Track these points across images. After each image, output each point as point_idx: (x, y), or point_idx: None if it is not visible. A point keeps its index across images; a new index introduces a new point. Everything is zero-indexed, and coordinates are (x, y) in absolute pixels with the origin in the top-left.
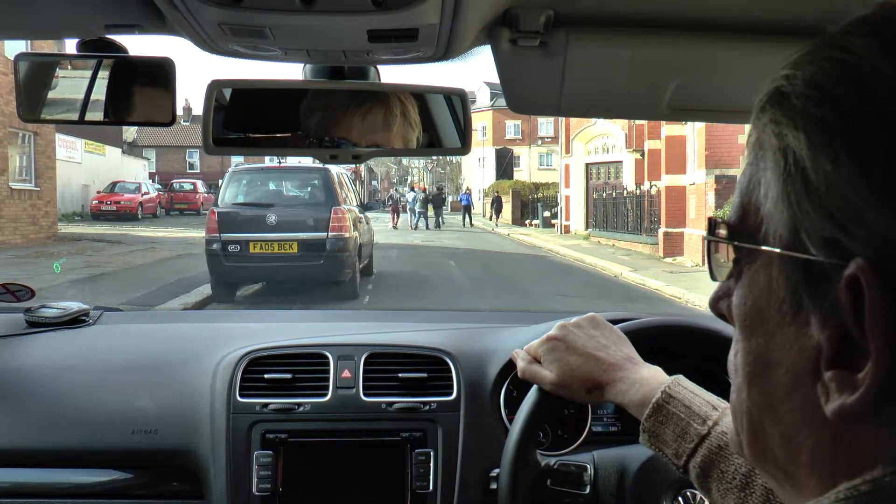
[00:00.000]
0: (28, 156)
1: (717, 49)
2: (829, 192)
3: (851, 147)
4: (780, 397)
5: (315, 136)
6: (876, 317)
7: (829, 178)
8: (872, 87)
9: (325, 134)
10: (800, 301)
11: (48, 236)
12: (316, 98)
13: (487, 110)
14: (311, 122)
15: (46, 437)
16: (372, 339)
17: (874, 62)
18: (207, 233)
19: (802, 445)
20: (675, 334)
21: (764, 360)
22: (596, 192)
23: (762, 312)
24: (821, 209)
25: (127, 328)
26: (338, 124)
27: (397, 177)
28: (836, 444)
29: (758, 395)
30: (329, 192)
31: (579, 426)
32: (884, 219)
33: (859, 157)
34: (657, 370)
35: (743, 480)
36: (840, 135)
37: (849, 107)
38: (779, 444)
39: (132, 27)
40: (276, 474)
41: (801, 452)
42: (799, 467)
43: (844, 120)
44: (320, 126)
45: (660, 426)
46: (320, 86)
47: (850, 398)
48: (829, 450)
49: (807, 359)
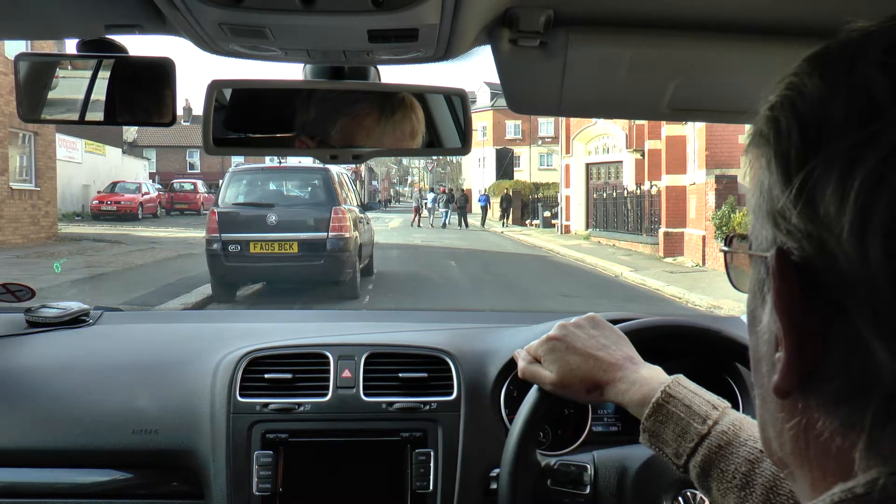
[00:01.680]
0: (28, 156)
1: (717, 49)
2: (770, 198)
3: (779, 156)
4: (766, 390)
5: (315, 136)
6: (778, 299)
7: (771, 185)
8: (798, 102)
9: (325, 134)
10: (763, 295)
11: (48, 236)
12: (316, 98)
13: (487, 110)
14: (312, 122)
15: (46, 437)
16: (372, 339)
17: (804, 79)
18: (208, 233)
19: (786, 437)
20: (675, 334)
21: (756, 355)
22: (596, 192)
23: (752, 312)
24: (768, 214)
25: (127, 328)
26: (338, 124)
27: (397, 177)
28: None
29: (758, 389)
30: (329, 192)
31: (579, 426)
32: (801, 216)
33: (783, 163)
34: (657, 370)
35: (743, 479)
36: (773, 146)
37: (782, 121)
38: (773, 435)
39: (132, 27)
40: (276, 474)
41: (786, 443)
42: (791, 459)
43: (777, 133)
44: (320, 126)
45: (660, 426)
46: (320, 86)
47: (776, 376)
48: (806, 443)
49: (771, 348)
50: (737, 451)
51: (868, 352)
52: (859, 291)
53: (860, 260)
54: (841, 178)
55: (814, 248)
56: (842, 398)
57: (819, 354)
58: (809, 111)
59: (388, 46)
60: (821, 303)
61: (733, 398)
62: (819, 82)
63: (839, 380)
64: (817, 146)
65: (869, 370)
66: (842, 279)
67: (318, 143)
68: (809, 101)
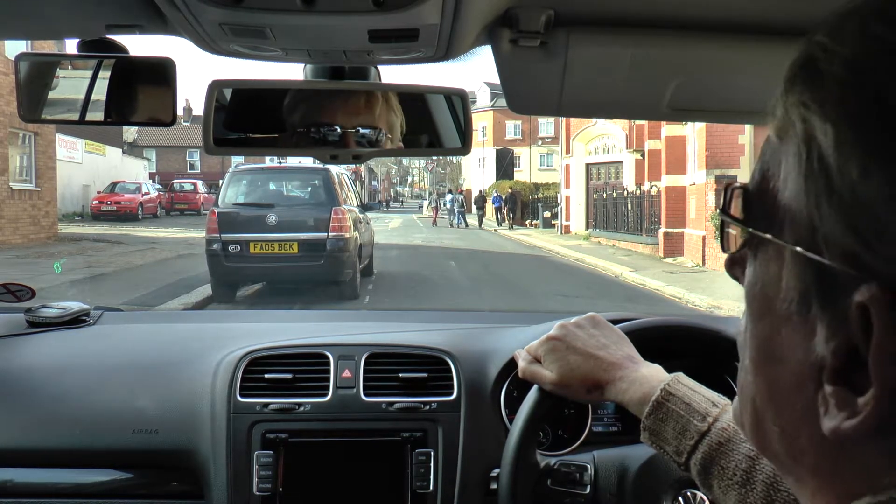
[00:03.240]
0: (28, 156)
1: (717, 49)
2: (855, 202)
3: (886, 152)
4: (782, 393)
5: (315, 136)
6: (884, 349)
7: (857, 186)
8: None
9: (325, 134)
10: (809, 305)
11: (48, 236)
12: (316, 98)
13: (488, 110)
14: (312, 122)
15: (47, 436)
16: (372, 339)
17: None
18: (208, 233)
19: (806, 449)
20: (675, 334)
21: (769, 350)
22: (596, 192)
23: (771, 301)
24: (843, 218)
25: (127, 328)
26: (338, 124)
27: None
28: (840, 455)
29: (762, 383)
30: (329, 193)
31: (579, 426)
32: None
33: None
34: (657, 368)
35: (744, 476)
36: (875, 135)
37: (893, 101)
38: (778, 438)
39: (133, 27)
40: (276, 474)
41: (805, 454)
42: (801, 466)
43: (884, 117)
44: (320, 126)
45: (660, 424)
46: (321, 86)
47: (848, 422)
48: (833, 460)
49: (811, 364)
50: (737, 447)
51: None
52: None
53: None
54: None
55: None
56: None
57: None
58: None
59: (388, 46)
60: None
61: (733, 397)
62: None
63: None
64: None
65: None
66: None
67: (319, 143)
68: None
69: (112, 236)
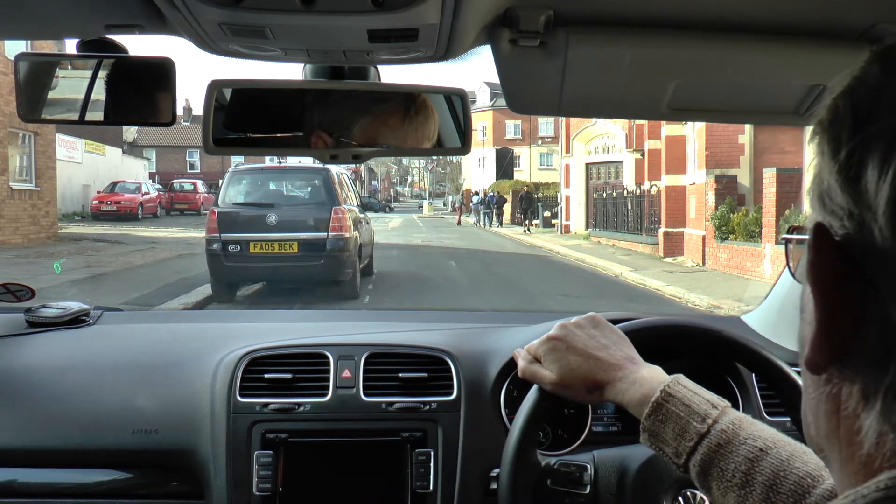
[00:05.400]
0: (28, 156)
1: (717, 49)
2: (820, 181)
3: (831, 139)
4: (805, 373)
5: (333, 134)
6: (812, 271)
7: (822, 169)
8: (858, 89)
9: (344, 132)
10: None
11: (48, 236)
12: (316, 98)
13: (487, 110)
14: (311, 122)
15: (47, 437)
16: (372, 338)
17: (867, 68)
18: (208, 233)
19: (821, 419)
20: (675, 334)
21: (801, 339)
22: (596, 192)
23: (802, 297)
24: (817, 198)
25: (127, 328)
26: (338, 124)
27: (397, 177)
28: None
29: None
30: (329, 192)
31: (579, 426)
32: (844, 193)
33: (834, 145)
34: (657, 370)
35: (743, 478)
36: (828, 131)
37: (840, 106)
38: (812, 419)
39: (132, 27)
40: (276, 474)
41: (822, 425)
42: (825, 441)
43: (833, 118)
44: (320, 126)
45: (659, 425)
46: (320, 86)
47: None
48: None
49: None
50: (736, 449)
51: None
52: (891, 268)
53: (892, 236)
54: (882, 157)
55: (854, 226)
56: (861, 371)
57: (851, 331)
58: (864, 96)
59: (388, 46)
60: (856, 280)
61: (733, 398)
62: (878, 70)
63: (865, 356)
64: (864, 126)
65: (891, 345)
66: (876, 256)
67: (336, 141)
68: (866, 87)
69: (112, 236)
